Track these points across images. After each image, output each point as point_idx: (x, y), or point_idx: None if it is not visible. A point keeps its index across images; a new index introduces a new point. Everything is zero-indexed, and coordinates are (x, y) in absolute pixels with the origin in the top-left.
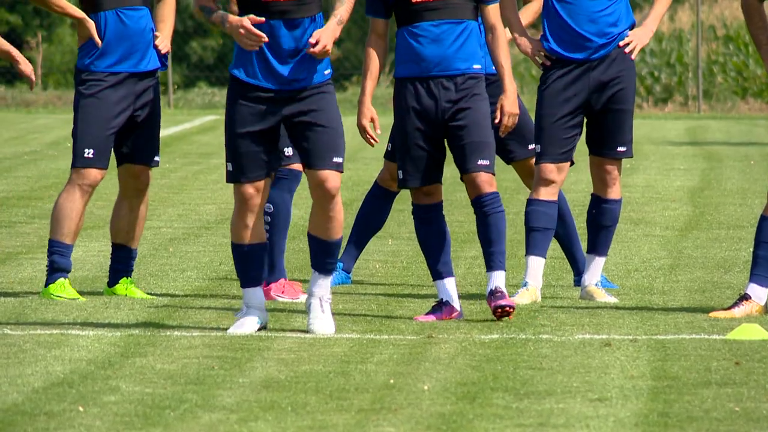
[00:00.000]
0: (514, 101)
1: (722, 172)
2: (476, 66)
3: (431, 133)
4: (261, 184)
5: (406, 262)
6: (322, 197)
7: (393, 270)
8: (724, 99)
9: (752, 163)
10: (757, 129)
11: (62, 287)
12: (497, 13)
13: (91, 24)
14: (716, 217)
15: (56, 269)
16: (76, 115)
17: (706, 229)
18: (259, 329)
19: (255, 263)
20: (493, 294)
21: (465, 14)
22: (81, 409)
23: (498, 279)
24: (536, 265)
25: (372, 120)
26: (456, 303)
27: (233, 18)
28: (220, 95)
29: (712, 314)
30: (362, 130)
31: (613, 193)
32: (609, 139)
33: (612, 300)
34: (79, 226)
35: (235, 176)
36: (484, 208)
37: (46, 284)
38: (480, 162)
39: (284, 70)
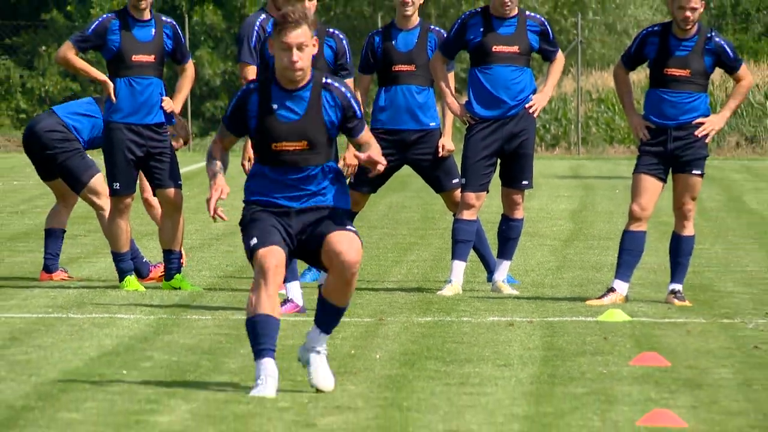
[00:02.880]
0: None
1: (595, 198)
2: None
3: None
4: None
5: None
6: (341, 269)
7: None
8: (597, 145)
9: (617, 192)
10: (620, 167)
11: (130, 282)
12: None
13: (109, 85)
14: (590, 231)
15: (122, 271)
16: (104, 156)
17: (583, 240)
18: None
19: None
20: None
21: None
22: (125, 372)
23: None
24: (459, 267)
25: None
26: (299, 300)
27: (217, 181)
28: None
29: (588, 302)
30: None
31: (518, 214)
32: (516, 176)
33: (514, 292)
34: (128, 235)
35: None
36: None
37: (120, 280)
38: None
39: (292, 204)
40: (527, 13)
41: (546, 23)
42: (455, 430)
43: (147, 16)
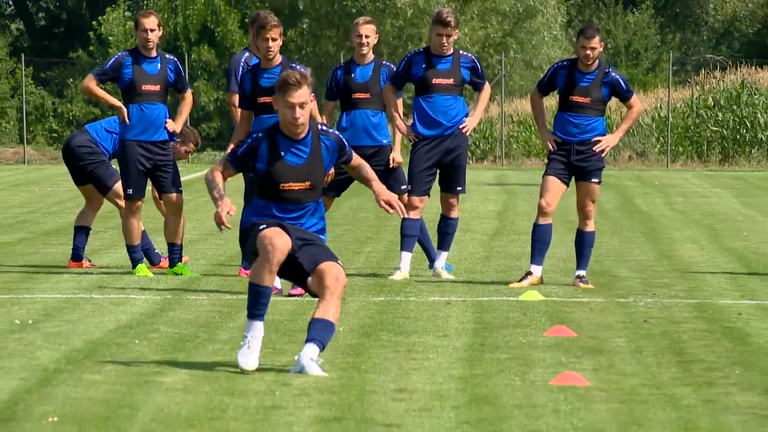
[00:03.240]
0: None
1: (516, 201)
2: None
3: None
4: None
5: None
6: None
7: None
8: (517, 158)
9: (533, 196)
10: (536, 176)
11: (141, 269)
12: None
13: (123, 110)
14: (512, 228)
15: (134, 260)
16: (120, 167)
17: (506, 235)
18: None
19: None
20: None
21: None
22: (136, 341)
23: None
24: (406, 257)
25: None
26: (278, 283)
27: (225, 201)
28: (221, 156)
29: (510, 285)
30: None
31: (454, 213)
32: (452, 183)
33: (451, 277)
34: (139, 231)
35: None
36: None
37: (133, 268)
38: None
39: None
40: (461, 52)
41: (476, 60)
42: (404, 388)
43: (154, 54)
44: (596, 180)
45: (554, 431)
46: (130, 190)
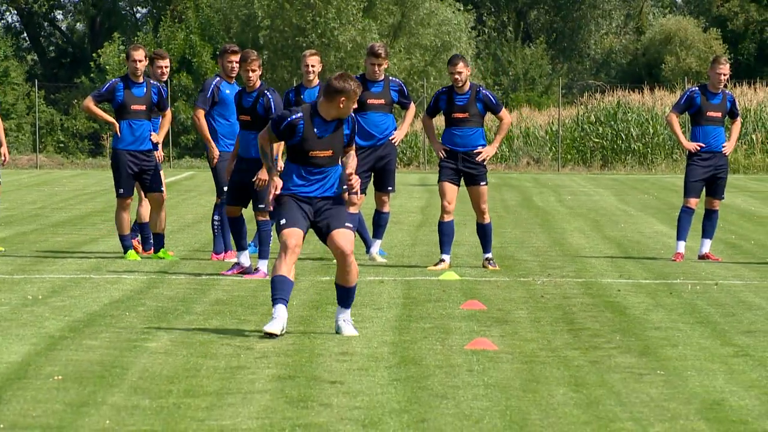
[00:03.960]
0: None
1: (436, 199)
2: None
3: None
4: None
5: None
6: (341, 258)
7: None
8: (437, 163)
9: None
10: None
11: (131, 254)
12: None
13: (115, 125)
14: (433, 221)
15: (125, 247)
16: (112, 171)
17: (428, 226)
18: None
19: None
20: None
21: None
22: (127, 314)
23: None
24: (377, 243)
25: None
26: (246, 262)
27: (275, 179)
28: (197, 163)
29: (428, 268)
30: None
31: (386, 209)
32: (384, 184)
33: (384, 260)
34: (128, 224)
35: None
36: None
37: (124, 253)
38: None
39: (310, 195)
40: (390, 77)
41: (402, 84)
42: (346, 352)
43: (141, 80)
44: (483, 183)
45: (468, 387)
46: (121, 190)
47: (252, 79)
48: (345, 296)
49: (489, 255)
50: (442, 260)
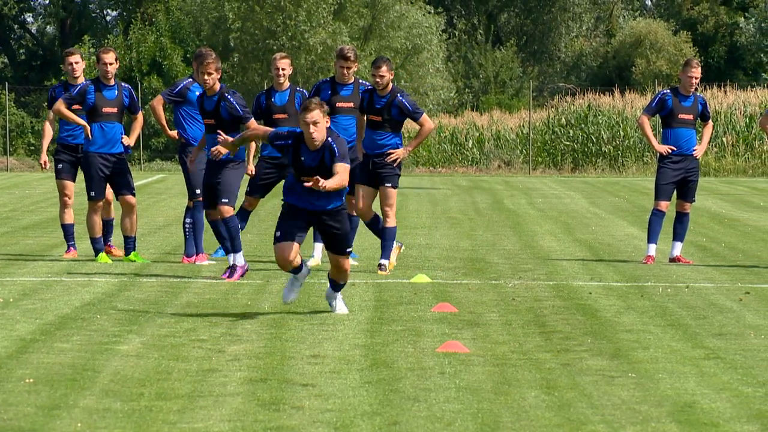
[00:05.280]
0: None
1: (408, 201)
2: None
3: None
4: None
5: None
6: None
7: (264, 245)
8: (408, 166)
9: (420, 196)
10: (423, 181)
11: (102, 257)
12: None
13: (87, 127)
14: (405, 223)
15: (96, 249)
16: (84, 174)
17: (400, 229)
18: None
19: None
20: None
21: None
22: (98, 316)
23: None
24: (318, 247)
25: None
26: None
27: (221, 148)
28: (167, 165)
29: (379, 272)
30: None
31: (354, 213)
32: (352, 187)
33: (356, 263)
34: (99, 227)
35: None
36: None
37: (95, 256)
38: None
39: (307, 207)
40: (360, 80)
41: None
42: (317, 354)
43: (112, 82)
44: (389, 185)
45: (440, 389)
46: (93, 192)
47: (209, 83)
48: (337, 286)
49: (384, 261)
50: (380, 266)
